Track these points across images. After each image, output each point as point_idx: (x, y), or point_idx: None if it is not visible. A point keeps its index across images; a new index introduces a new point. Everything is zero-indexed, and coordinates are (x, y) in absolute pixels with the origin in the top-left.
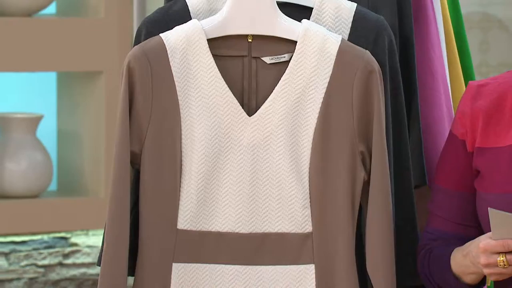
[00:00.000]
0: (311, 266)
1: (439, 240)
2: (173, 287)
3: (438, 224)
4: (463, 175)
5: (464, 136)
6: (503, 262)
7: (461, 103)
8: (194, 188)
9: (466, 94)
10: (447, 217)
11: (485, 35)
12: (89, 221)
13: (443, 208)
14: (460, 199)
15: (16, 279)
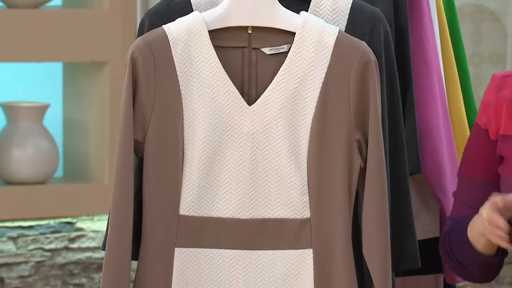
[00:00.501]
0: (309, 250)
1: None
2: (175, 271)
3: (462, 211)
4: (486, 163)
5: (487, 125)
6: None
7: (486, 93)
8: (195, 175)
9: (491, 85)
10: (471, 204)
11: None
12: (94, 207)
13: (467, 195)
14: (484, 186)
15: (24, 262)
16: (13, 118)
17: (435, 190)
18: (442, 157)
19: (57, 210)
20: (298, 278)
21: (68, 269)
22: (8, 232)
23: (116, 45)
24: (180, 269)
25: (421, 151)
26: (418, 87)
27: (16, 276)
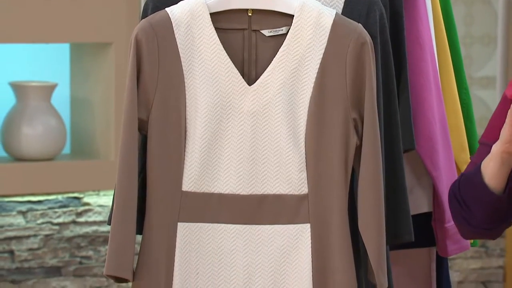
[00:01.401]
0: (307, 225)
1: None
2: (178, 244)
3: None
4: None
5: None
6: None
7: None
8: (197, 152)
9: None
10: None
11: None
12: (100, 182)
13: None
14: None
15: (33, 235)
16: (23, 97)
17: (428, 167)
18: (435, 134)
19: (65, 186)
20: (297, 251)
21: (76, 242)
22: (18, 206)
23: (121, 27)
24: (182, 243)
25: (414, 129)
26: (412, 68)
27: (25, 248)
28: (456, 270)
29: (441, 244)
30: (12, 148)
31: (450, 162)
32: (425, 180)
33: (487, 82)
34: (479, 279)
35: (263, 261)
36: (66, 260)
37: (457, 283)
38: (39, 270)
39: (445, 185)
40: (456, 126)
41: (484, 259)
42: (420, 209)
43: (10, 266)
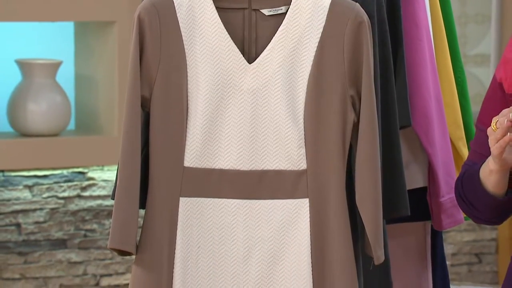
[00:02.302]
0: (305, 200)
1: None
2: (180, 219)
3: (476, 159)
4: None
5: (502, 80)
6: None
7: (506, 50)
8: (199, 129)
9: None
10: (486, 153)
11: None
12: (104, 158)
13: (482, 145)
14: None
15: (39, 209)
16: (28, 74)
17: (424, 143)
18: (430, 111)
19: (70, 161)
20: (295, 225)
21: (80, 216)
22: (24, 181)
23: (124, 6)
24: (184, 217)
25: (411, 106)
26: (408, 46)
27: (32, 221)
28: (450, 243)
29: (436, 218)
30: (18, 124)
31: (445, 138)
32: (420, 156)
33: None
34: (473, 251)
35: (262, 234)
36: (71, 233)
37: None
38: (45, 242)
39: (440, 161)
40: (451, 103)
41: (477, 232)
42: (415, 184)
43: (17, 239)
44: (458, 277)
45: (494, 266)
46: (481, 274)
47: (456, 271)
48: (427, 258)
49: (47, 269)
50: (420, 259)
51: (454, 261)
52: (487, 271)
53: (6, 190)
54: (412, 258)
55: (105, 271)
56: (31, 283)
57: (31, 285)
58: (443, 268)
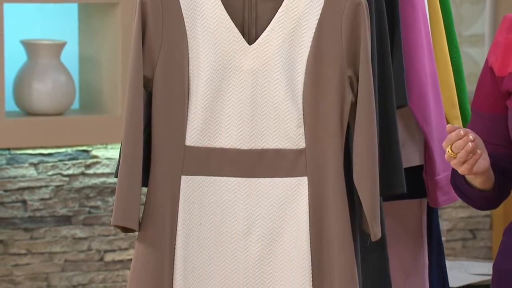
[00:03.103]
0: (304, 178)
1: None
2: (182, 196)
3: None
4: (493, 98)
5: (493, 63)
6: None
7: (497, 34)
8: (200, 109)
9: (502, 26)
10: (480, 136)
11: None
12: (107, 136)
13: (476, 128)
14: (491, 120)
15: (44, 186)
16: (33, 54)
17: (420, 122)
18: (427, 91)
19: (74, 139)
20: (294, 203)
21: (85, 193)
22: (30, 158)
23: None
24: (186, 195)
25: (407, 86)
26: (404, 27)
27: (37, 198)
28: (445, 219)
29: (432, 195)
30: (24, 103)
31: (441, 117)
32: (417, 134)
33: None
34: (467, 227)
35: (262, 212)
36: (75, 210)
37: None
38: (50, 219)
39: (436, 139)
40: (446, 83)
41: (472, 209)
42: (412, 162)
43: (23, 215)
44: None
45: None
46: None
47: (451, 247)
48: (423, 234)
49: (53, 244)
50: (416, 235)
51: (449, 237)
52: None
53: (12, 168)
54: (408, 234)
55: (109, 247)
56: (37, 258)
57: (37, 260)
58: (439, 244)
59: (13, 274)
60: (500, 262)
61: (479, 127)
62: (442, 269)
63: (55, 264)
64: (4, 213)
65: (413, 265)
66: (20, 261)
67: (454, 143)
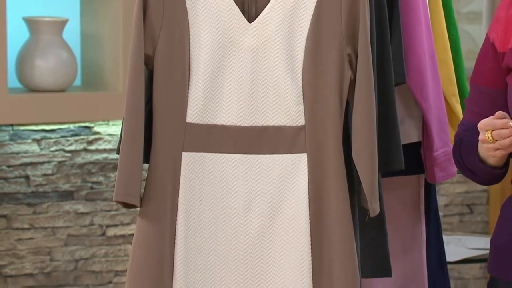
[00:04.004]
0: (303, 155)
1: (471, 131)
2: (183, 173)
3: (472, 118)
4: (494, 73)
5: (495, 39)
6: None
7: (498, 9)
8: (201, 86)
9: (503, 1)
10: (480, 111)
11: None
12: (109, 113)
13: (476, 104)
14: (491, 96)
15: (47, 162)
16: (36, 31)
17: (418, 99)
18: (425, 68)
19: (76, 116)
20: (294, 179)
21: (87, 169)
22: (33, 134)
23: None
24: (187, 171)
25: (405, 63)
26: (403, 5)
27: (40, 174)
28: (442, 194)
29: (430, 171)
30: (26, 80)
31: (439, 94)
32: (415, 111)
33: (473, 17)
34: (464, 202)
35: (262, 188)
36: (78, 185)
37: (443, 206)
38: (53, 194)
39: (434, 116)
40: (444, 60)
41: (469, 184)
42: (410, 139)
43: (26, 190)
44: (450, 227)
45: (485, 216)
46: (472, 224)
47: (448, 221)
48: (421, 209)
49: (55, 219)
50: (414, 210)
51: (446, 212)
52: (478, 221)
53: (15, 144)
54: (407, 210)
55: (111, 222)
56: (40, 232)
57: (40, 235)
58: (436, 219)
59: (17, 248)
60: (497, 237)
61: (479, 103)
62: (439, 243)
63: (58, 238)
64: (7, 188)
65: (411, 240)
66: (24, 236)
67: (497, 130)
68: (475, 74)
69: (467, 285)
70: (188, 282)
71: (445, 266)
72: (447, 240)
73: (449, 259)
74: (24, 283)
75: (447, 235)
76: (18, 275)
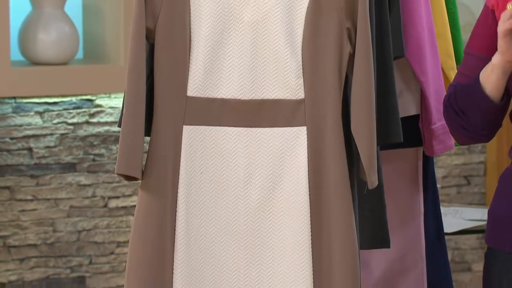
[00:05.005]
0: (303, 128)
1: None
2: (184, 146)
3: (463, 80)
4: (491, 41)
5: (494, 6)
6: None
7: None
8: (201, 60)
9: None
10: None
11: None
12: (111, 86)
13: (471, 69)
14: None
15: (50, 134)
16: (38, 4)
17: (417, 72)
18: (423, 42)
19: (78, 88)
20: (294, 152)
21: (89, 141)
22: (35, 107)
23: None
24: (188, 144)
25: (404, 37)
26: None
27: (43, 146)
28: (440, 166)
29: (428, 144)
30: (29, 53)
31: (437, 67)
32: (413, 84)
33: None
34: (462, 174)
35: (262, 161)
36: (80, 157)
37: (441, 178)
38: (56, 166)
39: (432, 89)
40: (443, 34)
41: (467, 155)
42: (408, 112)
43: (29, 162)
44: (447, 198)
45: (482, 188)
46: (469, 195)
47: (446, 193)
48: (419, 182)
49: (58, 191)
50: (412, 183)
51: (444, 183)
52: (475, 192)
53: (18, 116)
54: (405, 182)
55: (113, 194)
56: (42, 204)
57: (43, 206)
58: (434, 191)
59: (20, 219)
60: (495, 208)
61: (472, 68)
62: (437, 215)
63: (61, 210)
64: (10, 160)
65: (409, 211)
66: (27, 207)
67: None
68: (471, 42)
69: (464, 255)
70: (189, 253)
71: (442, 238)
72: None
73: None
74: (27, 254)
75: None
76: (22, 245)
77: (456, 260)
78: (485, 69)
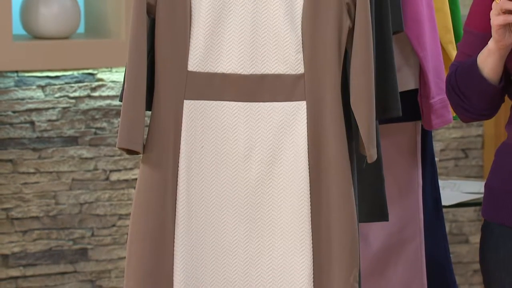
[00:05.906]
0: (303, 102)
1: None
2: (185, 120)
3: (464, 59)
4: (488, 19)
5: None
6: None
7: None
8: (202, 35)
9: None
10: (473, 54)
11: None
12: (112, 60)
13: (469, 47)
14: (485, 39)
15: (52, 108)
16: None
17: (415, 47)
18: (422, 17)
19: (80, 63)
20: (293, 126)
21: (91, 115)
22: (37, 81)
23: None
24: (188, 118)
25: (403, 12)
26: None
27: (45, 120)
28: (438, 140)
29: (426, 118)
30: (31, 27)
31: (436, 42)
32: (412, 59)
33: None
34: (460, 147)
35: (262, 135)
36: (82, 131)
37: (439, 151)
38: (58, 139)
39: (430, 64)
40: (441, 8)
41: (464, 129)
42: (407, 86)
43: (31, 136)
44: (445, 171)
45: (480, 161)
46: (467, 168)
47: (444, 166)
48: (417, 155)
49: (60, 164)
50: (410, 156)
51: (442, 156)
52: (473, 165)
53: (21, 90)
54: (403, 155)
55: (114, 167)
56: (45, 177)
57: (45, 179)
58: (432, 165)
59: (23, 192)
60: (491, 181)
61: (472, 46)
62: (435, 188)
63: (63, 182)
64: (13, 133)
65: (407, 185)
66: (29, 180)
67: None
68: (469, 19)
69: (462, 227)
70: (190, 226)
71: (440, 211)
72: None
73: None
74: (30, 226)
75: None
76: (24, 217)
77: (453, 232)
78: (482, 52)
